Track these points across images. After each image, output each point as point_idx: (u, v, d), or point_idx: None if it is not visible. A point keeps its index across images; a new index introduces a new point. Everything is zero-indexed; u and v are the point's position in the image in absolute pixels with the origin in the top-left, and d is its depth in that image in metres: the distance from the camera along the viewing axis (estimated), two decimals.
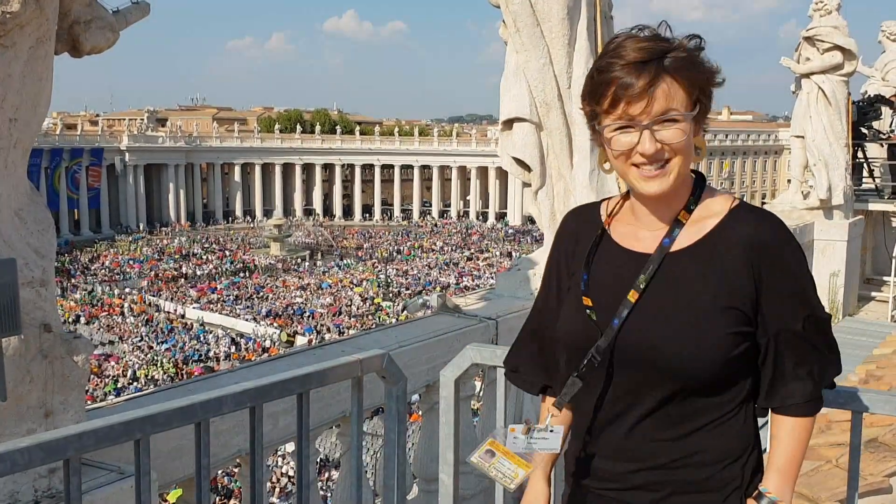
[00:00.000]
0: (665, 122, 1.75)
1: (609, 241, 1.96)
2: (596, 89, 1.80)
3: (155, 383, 34.69)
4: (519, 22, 6.38)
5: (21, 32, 2.92)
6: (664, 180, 1.79)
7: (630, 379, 1.85)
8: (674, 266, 1.84)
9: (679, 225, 1.86)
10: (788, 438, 1.87)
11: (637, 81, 1.72)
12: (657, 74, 1.73)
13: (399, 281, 59.60)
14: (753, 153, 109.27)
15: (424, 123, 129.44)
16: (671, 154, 1.78)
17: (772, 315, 1.81)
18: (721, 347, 1.77)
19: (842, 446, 4.28)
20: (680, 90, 1.75)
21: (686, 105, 1.76)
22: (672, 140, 1.76)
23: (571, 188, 6.73)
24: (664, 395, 1.82)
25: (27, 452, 1.57)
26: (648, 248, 1.88)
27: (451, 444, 2.84)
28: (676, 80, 1.74)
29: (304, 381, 2.30)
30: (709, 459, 1.84)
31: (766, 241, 1.81)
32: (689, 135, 1.78)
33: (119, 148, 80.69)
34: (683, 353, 1.76)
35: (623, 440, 1.89)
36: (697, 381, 1.79)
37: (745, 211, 1.88)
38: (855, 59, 13.74)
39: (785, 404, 1.86)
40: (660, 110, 1.74)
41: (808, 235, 13.69)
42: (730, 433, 1.85)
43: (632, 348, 1.82)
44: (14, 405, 2.95)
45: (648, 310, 1.82)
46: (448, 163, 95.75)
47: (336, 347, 5.08)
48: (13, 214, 3.10)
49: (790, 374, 1.84)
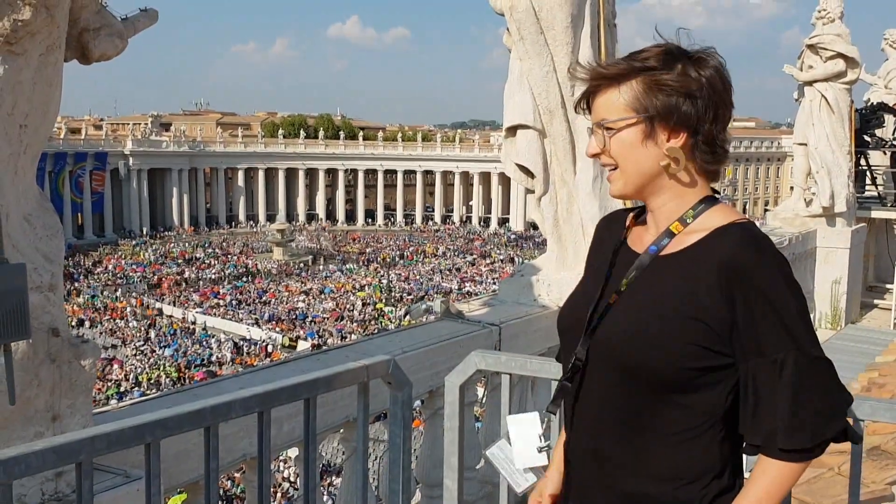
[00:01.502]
0: (605, 128, 1.88)
1: (625, 246, 2.02)
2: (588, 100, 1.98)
3: (158, 387, 34.69)
4: (523, 30, 6.42)
5: (32, 40, 2.96)
6: (618, 183, 1.91)
7: (603, 381, 1.87)
8: (654, 270, 1.87)
9: (669, 234, 1.88)
10: (764, 478, 1.75)
11: (595, 96, 1.90)
12: (598, 83, 1.88)
13: (401, 286, 59.58)
14: (756, 160, 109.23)
15: (427, 129, 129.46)
16: (617, 159, 1.89)
17: (750, 339, 1.73)
18: (680, 355, 1.74)
19: (844, 454, 4.28)
20: (616, 98, 1.85)
21: (620, 112, 1.85)
22: (599, 145, 1.90)
23: (574, 194, 6.76)
24: (630, 397, 1.82)
25: (41, 455, 1.59)
26: (642, 250, 1.93)
27: (456, 450, 2.86)
28: (616, 89, 1.85)
29: (311, 386, 2.32)
30: (665, 474, 1.81)
31: (741, 262, 1.74)
32: (625, 142, 1.86)
33: (123, 152, 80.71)
34: (644, 352, 1.77)
35: (591, 443, 1.91)
36: (656, 384, 1.78)
37: (733, 231, 1.80)
38: (858, 66, 13.77)
39: (767, 445, 1.74)
40: (596, 118, 1.90)
41: (810, 243, 13.69)
42: (692, 451, 1.80)
43: (602, 350, 1.86)
44: (22, 409, 2.97)
45: (620, 312, 1.86)
46: (451, 168, 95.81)
47: (340, 353, 5.11)
48: (22, 220, 3.12)
49: (775, 413, 1.72)
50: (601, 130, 1.88)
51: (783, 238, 12.40)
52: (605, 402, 1.88)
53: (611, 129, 1.86)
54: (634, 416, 1.83)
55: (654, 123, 1.82)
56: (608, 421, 1.88)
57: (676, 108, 1.81)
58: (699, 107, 1.81)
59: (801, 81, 14.04)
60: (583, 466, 1.95)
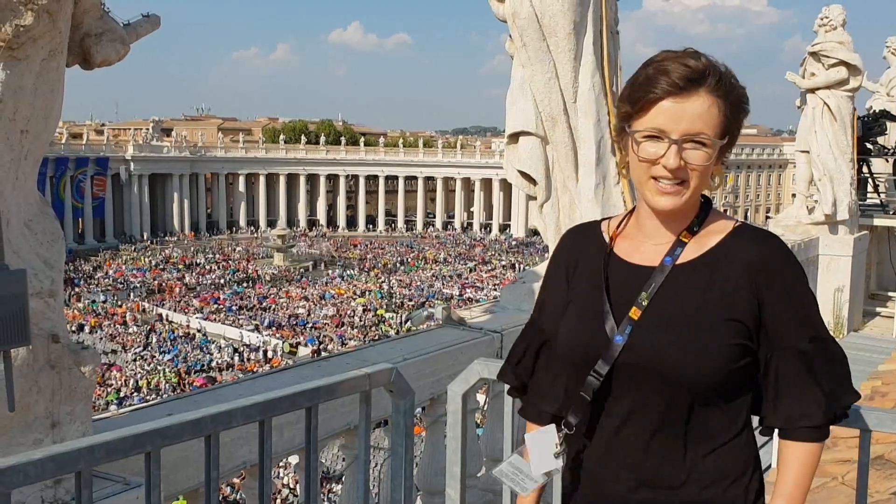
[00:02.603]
0: (694, 142, 1.78)
1: (614, 257, 1.97)
2: (636, 95, 1.83)
3: (158, 393, 34.64)
4: (525, 36, 6.41)
5: (34, 45, 2.94)
6: (678, 198, 1.82)
7: (635, 395, 1.85)
8: (676, 279, 1.85)
9: (681, 244, 1.89)
10: (797, 464, 1.83)
11: (678, 97, 1.77)
12: (697, 95, 1.77)
13: (402, 292, 59.56)
14: (758, 167, 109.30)
15: (429, 135, 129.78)
16: (691, 174, 1.80)
17: (776, 332, 1.81)
18: (724, 357, 1.78)
19: (848, 463, 4.27)
20: (716, 114, 1.78)
21: (717, 130, 1.79)
22: (696, 161, 1.79)
23: (576, 201, 6.75)
24: (669, 408, 1.82)
25: (40, 465, 1.58)
26: (651, 261, 1.90)
27: (458, 459, 2.84)
28: (715, 103, 1.78)
29: (312, 394, 2.30)
30: (712, 479, 1.83)
31: (767, 261, 1.82)
32: (712, 160, 1.81)
33: (124, 157, 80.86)
34: (687, 361, 1.77)
35: (625, 458, 1.88)
36: (701, 390, 1.79)
37: (747, 230, 1.90)
38: (860, 74, 13.78)
39: (793, 426, 1.83)
40: (691, 130, 1.77)
41: (812, 250, 13.67)
42: (733, 452, 1.85)
43: (634, 366, 1.83)
44: (21, 415, 2.95)
45: (650, 324, 1.83)
46: (452, 174, 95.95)
47: (341, 360, 5.08)
48: (23, 225, 3.11)
49: (797, 394, 1.82)
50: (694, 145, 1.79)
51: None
52: (642, 418, 1.85)
53: (704, 144, 1.78)
54: (679, 427, 1.83)
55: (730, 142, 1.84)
56: (646, 435, 1.85)
57: (739, 126, 1.84)
58: (739, 121, 1.85)
59: (803, 89, 14.04)
60: (616, 482, 1.90)
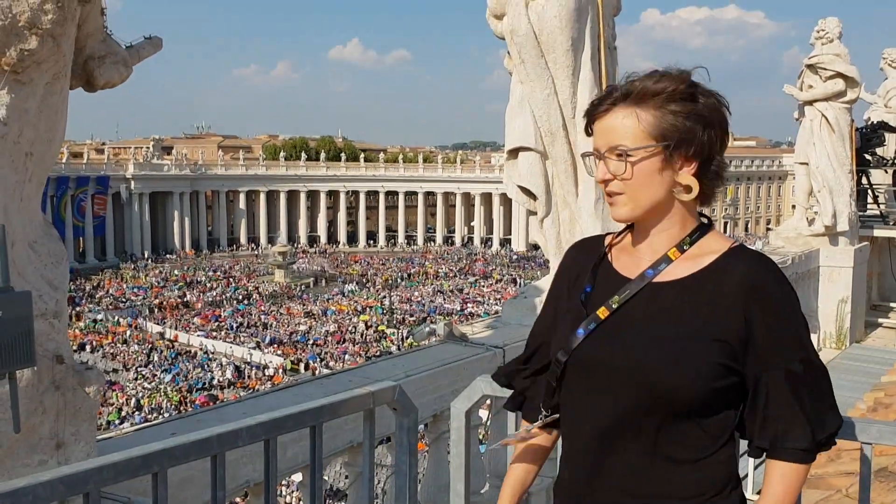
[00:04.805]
0: (616, 154, 1.84)
1: (607, 265, 2.01)
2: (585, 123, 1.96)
3: (159, 412, 34.54)
4: (524, 53, 6.46)
5: (38, 69, 2.98)
6: (622, 208, 1.88)
7: (615, 403, 1.85)
8: (663, 296, 1.87)
9: (667, 260, 1.90)
10: (782, 484, 1.83)
11: (601, 118, 1.87)
12: (614, 108, 1.85)
13: (403, 308, 59.51)
14: (757, 179, 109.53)
15: (429, 150, 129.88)
16: (624, 185, 1.85)
17: (767, 351, 1.81)
18: (706, 374, 1.78)
19: (851, 475, 4.26)
20: (631, 124, 1.82)
21: (639, 138, 1.81)
22: (615, 171, 1.84)
23: (577, 216, 6.77)
24: (649, 420, 1.82)
25: (49, 486, 1.59)
26: (634, 273, 1.93)
27: (462, 476, 2.84)
28: (629, 114, 1.82)
29: (317, 413, 2.31)
30: (690, 493, 1.83)
31: (761, 282, 1.82)
32: (644, 170, 1.83)
33: (125, 176, 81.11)
34: (670, 376, 1.77)
35: (603, 468, 1.89)
36: (682, 404, 1.79)
37: (742, 252, 1.89)
38: (857, 86, 13.85)
39: (780, 446, 1.83)
40: (610, 143, 1.85)
41: (813, 262, 13.68)
42: (713, 467, 1.84)
43: (592, 359, 1.87)
44: (27, 436, 2.96)
45: (627, 331, 1.86)
46: (452, 189, 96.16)
47: (344, 377, 5.09)
48: (28, 247, 3.13)
49: (787, 416, 1.81)
50: (614, 157, 1.84)
51: (786, 257, 12.40)
52: (618, 426, 1.86)
53: (629, 156, 1.82)
54: (649, 436, 1.83)
55: (672, 152, 1.82)
56: (620, 446, 1.86)
57: (695, 137, 1.82)
58: (712, 135, 1.84)
59: (801, 101, 14.11)
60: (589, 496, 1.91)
